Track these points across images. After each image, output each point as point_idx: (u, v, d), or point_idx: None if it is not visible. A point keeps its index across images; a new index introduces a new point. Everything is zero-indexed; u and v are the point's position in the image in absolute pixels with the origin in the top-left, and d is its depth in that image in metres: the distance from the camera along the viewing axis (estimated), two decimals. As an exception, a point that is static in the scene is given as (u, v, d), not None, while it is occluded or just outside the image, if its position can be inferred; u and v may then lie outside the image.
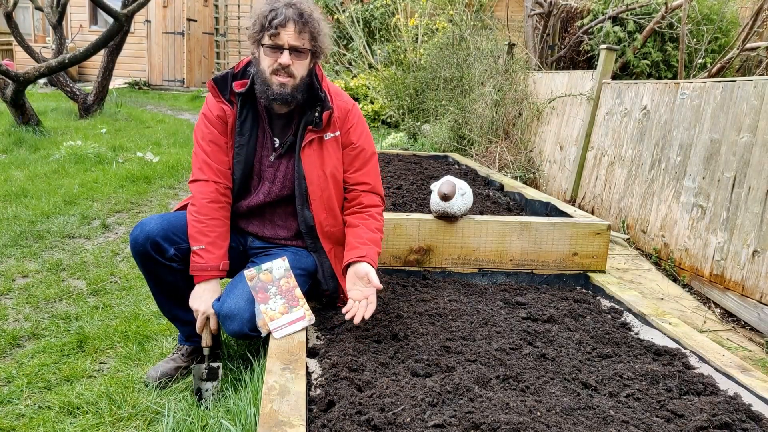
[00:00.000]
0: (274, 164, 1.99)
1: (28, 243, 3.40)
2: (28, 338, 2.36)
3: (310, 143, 1.94)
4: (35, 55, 7.90)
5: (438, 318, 2.05)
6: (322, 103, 1.93)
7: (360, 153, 2.04)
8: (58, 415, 1.85)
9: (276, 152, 1.98)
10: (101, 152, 5.79)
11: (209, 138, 1.95)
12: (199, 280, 1.89)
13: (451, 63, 6.39)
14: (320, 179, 1.95)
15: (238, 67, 1.97)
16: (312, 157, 1.94)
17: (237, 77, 1.95)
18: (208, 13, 13.28)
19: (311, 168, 1.94)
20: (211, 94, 1.95)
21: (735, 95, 3.17)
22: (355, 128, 2.03)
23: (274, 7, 1.78)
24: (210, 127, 1.95)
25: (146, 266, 1.93)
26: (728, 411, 1.49)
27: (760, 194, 2.90)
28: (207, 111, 1.97)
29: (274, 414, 1.36)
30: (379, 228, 2.02)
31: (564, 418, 1.43)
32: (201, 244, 1.88)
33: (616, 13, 6.18)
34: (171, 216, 1.96)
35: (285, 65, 1.80)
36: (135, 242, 1.90)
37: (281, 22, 1.76)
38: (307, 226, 1.99)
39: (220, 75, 1.96)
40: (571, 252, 2.57)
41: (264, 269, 1.82)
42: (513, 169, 5.31)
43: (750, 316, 2.89)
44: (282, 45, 1.79)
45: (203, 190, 1.93)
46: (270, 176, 1.99)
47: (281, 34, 1.78)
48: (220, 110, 1.94)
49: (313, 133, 1.94)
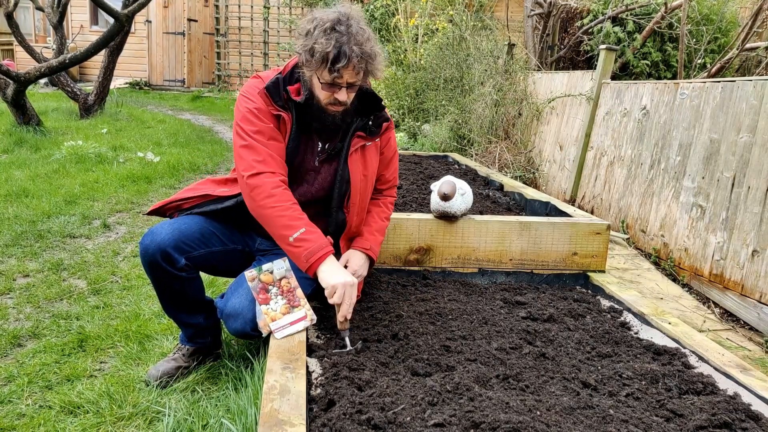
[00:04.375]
0: (317, 168, 1.99)
1: (29, 243, 3.40)
2: (29, 338, 2.37)
3: (356, 149, 1.95)
4: (36, 55, 7.90)
5: (438, 317, 2.05)
6: (379, 112, 1.97)
7: (393, 155, 2.13)
8: (58, 414, 1.86)
9: (320, 157, 1.98)
10: (102, 152, 5.79)
11: (269, 134, 1.84)
12: (318, 263, 1.74)
13: (451, 63, 6.39)
14: (361, 184, 1.98)
15: (285, 71, 1.90)
16: (357, 162, 1.96)
17: (287, 82, 1.88)
18: (209, 13, 13.29)
19: (356, 173, 1.95)
20: (263, 101, 1.85)
21: (734, 95, 3.17)
22: (392, 134, 2.11)
23: (338, 46, 1.69)
24: (266, 121, 1.85)
25: (155, 275, 1.91)
26: (728, 410, 1.49)
27: (760, 194, 2.90)
28: (261, 106, 1.85)
29: (274, 413, 1.36)
30: (387, 216, 2.16)
31: (564, 417, 1.43)
32: (300, 229, 1.75)
33: (615, 14, 6.19)
34: (181, 224, 1.93)
35: (342, 101, 1.80)
36: (146, 252, 1.86)
37: (343, 66, 1.70)
38: (336, 226, 2.01)
39: (272, 81, 1.86)
40: (570, 252, 2.58)
41: (264, 270, 1.81)
42: (513, 169, 5.31)
43: (749, 315, 2.89)
44: (341, 83, 1.77)
45: (271, 180, 1.79)
46: (311, 179, 1.99)
47: (343, 75, 1.73)
48: (275, 112, 1.86)
49: (361, 139, 1.95)
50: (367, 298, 2.19)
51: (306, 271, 1.77)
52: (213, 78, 13.40)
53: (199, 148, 6.71)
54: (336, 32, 1.70)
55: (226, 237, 2.01)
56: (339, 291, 1.71)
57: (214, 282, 2.88)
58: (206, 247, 1.95)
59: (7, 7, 7.19)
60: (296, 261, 1.78)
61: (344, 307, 1.73)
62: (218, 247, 1.98)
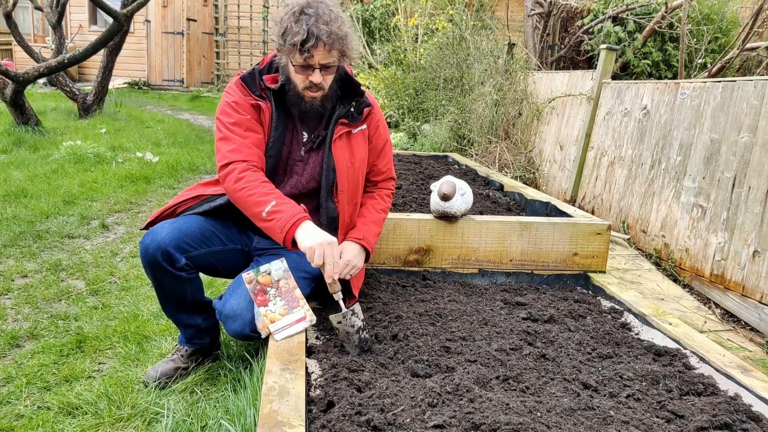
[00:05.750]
0: (304, 158, 2.00)
1: (28, 243, 3.39)
2: (27, 338, 2.36)
3: (340, 136, 1.96)
4: (35, 55, 7.90)
5: (438, 318, 2.04)
6: (360, 99, 1.97)
7: (384, 144, 2.12)
8: (57, 415, 1.85)
9: (306, 146, 1.99)
10: (101, 152, 5.78)
11: (246, 125, 1.87)
12: (294, 230, 1.71)
13: (451, 63, 6.39)
14: (349, 171, 1.98)
15: (263, 63, 1.95)
16: (342, 149, 1.96)
17: (264, 72, 1.93)
18: (208, 13, 13.28)
19: (341, 160, 1.96)
20: (240, 92, 1.90)
21: (735, 95, 3.16)
22: (381, 122, 2.10)
23: (305, 29, 1.72)
24: (243, 113, 1.88)
25: (155, 275, 1.91)
26: (729, 411, 1.49)
27: (761, 194, 2.90)
28: (239, 99, 1.89)
29: (273, 414, 1.35)
30: (383, 209, 2.12)
31: (564, 418, 1.42)
32: (271, 202, 1.74)
33: (616, 13, 6.18)
34: (181, 223, 1.92)
35: (316, 83, 1.81)
36: (146, 252, 1.86)
37: (312, 45, 1.72)
38: (329, 218, 2.00)
39: (248, 72, 1.93)
40: (571, 252, 2.57)
41: (262, 271, 1.80)
42: (513, 169, 5.30)
43: (750, 316, 2.88)
44: (313, 65, 1.78)
45: (242, 167, 1.80)
46: (299, 170, 2.00)
47: (313, 55, 1.75)
48: (254, 102, 1.90)
49: (345, 126, 1.96)
50: (367, 299, 2.19)
51: (284, 244, 1.73)
52: (212, 78, 13.40)
53: (198, 148, 6.70)
54: (305, 15, 1.75)
55: (225, 236, 2.01)
56: (318, 251, 1.67)
57: (213, 282, 2.88)
58: (206, 247, 1.95)
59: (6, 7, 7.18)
60: (273, 235, 1.75)
61: (328, 268, 1.69)
62: (218, 246, 1.98)
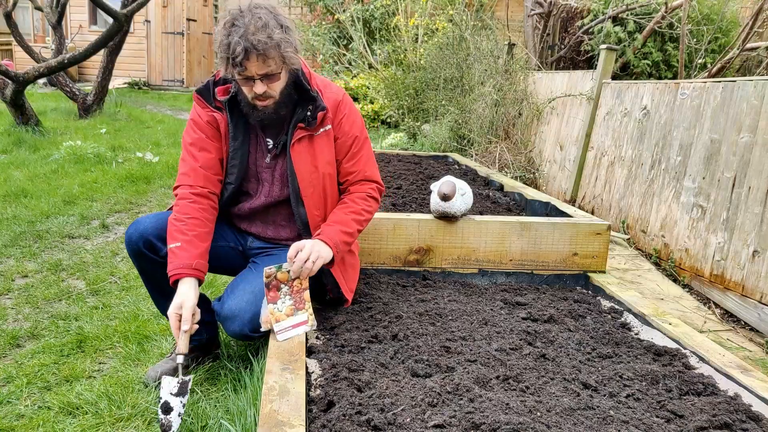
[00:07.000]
0: (271, 165, 1.98)
1: (28, 243, 3.39)
2: (28, 338, 2.36)
3: (300, 140, 1.93)
4: (35, 55, 7.89)
5: (438, 318, 2.04)
6: (314, 102, 1.92)
7: (352, 142, 2.02)
8: (57, 415, 1.85)
9: (271, 153, 1.98)
10: (101, 152, 5.78)
11: (199, 144, 1.94)
12: (173, 279, 1.78)
13: (451, 63, 6.38)
14: (312, 175, 1.95)
15: (219, 75, 1.93)
16: (303, 154, 1.93)
17: (218, 83, 1.93)
18: (208, 13, 13.28)
19: (302, 165, 1.93)
20: (198, 106, 1.95)
21: (735, 95, 3.17)
22: (347, 118, 2.01)
23: (230, 42, 1.69)
24: (199, 132, 1.94)
25: (140, 264, 1.94)
26: (728, 411, 1.49)
27: (761, 194, 2.90)
28: (196, 116, 1.95)
29: (273, 414, 1.36)
30: (355, 211, 1.98)
31: (564, 418, 1.43)
32: (177, 242, 1.80)
33: (616, 13, 6.18)
34: (166, 215, 1.95)
35: (260, 93, 1.79)
36: (129, 240, 1.91)
37: (243, 58, 1.69)
38: (302, 222, 1.99)
39: (203, 85, 1.95)
40: (571, 252, 2.57)
41: (284, 269, 1.82)
42: (513, 169, 5.30)
43: (750, 316, 2.89)
44: (252, 76, 1.76)
45: (187, 193, 1.89)
46: (268, 177, 1.99)
47: (247, 68, 1.72)
48: (210, 117, 1.93)
49: (303, 130, 1.93)
50: (367, 299, 2.19)
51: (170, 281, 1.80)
52: (212, 78, 13.38)
53: (199, 148, 6.69)
54: (235, 27, 1.71)
55: (216, 233, 1.99)
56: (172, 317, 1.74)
57: (213, 282, 2.88)
58: None
59: (6, 7, 7.18)
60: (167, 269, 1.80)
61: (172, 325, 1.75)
62: None
